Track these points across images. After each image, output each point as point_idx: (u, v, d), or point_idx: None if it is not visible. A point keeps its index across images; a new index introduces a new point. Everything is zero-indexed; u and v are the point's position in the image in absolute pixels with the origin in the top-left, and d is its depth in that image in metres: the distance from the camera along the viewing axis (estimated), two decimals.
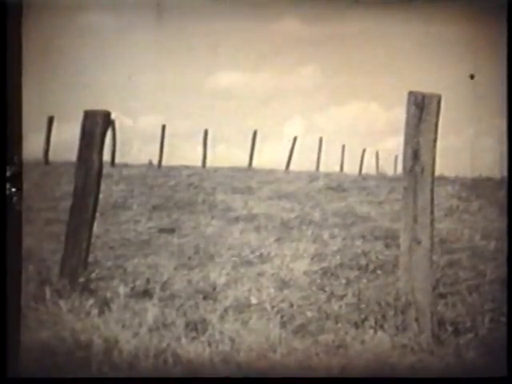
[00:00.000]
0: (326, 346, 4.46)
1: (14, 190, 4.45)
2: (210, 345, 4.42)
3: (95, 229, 5.40)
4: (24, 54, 4.51)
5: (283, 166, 13.22)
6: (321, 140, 13.22)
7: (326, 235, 7.10)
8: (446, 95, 4.58)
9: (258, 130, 12.65)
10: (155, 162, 12.60)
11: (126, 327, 4.56)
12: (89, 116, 5.23)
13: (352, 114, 8.74)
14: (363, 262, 6.18)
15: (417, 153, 4.56)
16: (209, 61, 7.82)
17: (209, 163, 12.89)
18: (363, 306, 5.04)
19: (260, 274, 5.82)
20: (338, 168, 12.90)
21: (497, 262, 6.00)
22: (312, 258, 6.23)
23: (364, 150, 12.89)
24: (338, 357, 4.35)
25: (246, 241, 6.84)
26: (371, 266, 6.06)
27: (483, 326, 4.69)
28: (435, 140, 4.57)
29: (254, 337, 4.49)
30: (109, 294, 5.07)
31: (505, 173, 4.92)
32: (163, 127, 12.52)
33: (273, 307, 5.04)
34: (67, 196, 5.61)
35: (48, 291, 4.94)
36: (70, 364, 4.22)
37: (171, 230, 7.29)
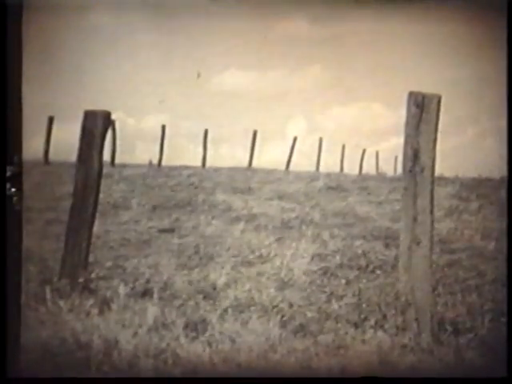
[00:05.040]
0: (325, 346, 4.46)
1: (13, 190, 4.45)
2: (209, 345, 4.42)
3: (95, 229, 5.40)
4: (24, 54, 4.51)
5: (283, 166, 13.23)
6: (321, 140, 13.24)
7: (325, 235, 7.10)
8: (446, 95, 4.58)
9: (259, 130, 12.66)
10: (155, 161, 12.63)
11: (125, 327, 4.56)
12: (89, 116, 5.24)
13: (353, 115, 8.74)
14: (363, 262, 6.18)
15: (417, 153, 4.56)
16: (212, 61, 7.82)
17: (209, 163, 12.91)
18: (363, 306, 5.04)
19: (260, 274, 5.83)
20: (338, 168, 12.92)
21: (496, 261, 6.01)
22: (312, 258, 6.23)
23: (364, 151, 12.90)
24: (338, 357, 4.35)
25: (246, 241, 6.84)
26: (371, 266, 6.06)
27: (483, 326, 4.69)
28: (435, 140, 4.57)
29: (254, 337, 4.49)
30: (109, 294, 5.07)
31: (505, 173, 4.92)
32: (163, 127, 12.55)
33: (273, 307, 5.04)
34: (67, 196, 5.61)
35: (48, 291, 4.94)
36: (69, 364, 4.23)
37: (171, 230, 7.29)
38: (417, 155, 4.56)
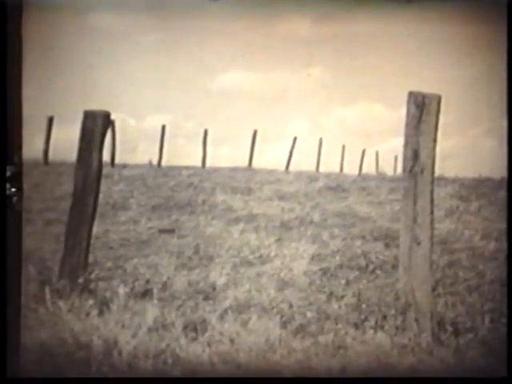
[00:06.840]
0: (325, 346, 4.45)
1: (13, 190, 4.45)
2: (209, 345, 4.41)
3: (95, 229, 5.40)
4: (24, 54, 4.51)
5: (283, 167, 13.23)
6: (321, 140, 13.25)
7: (325, 236, 7.10)
8: (446, 95, 4.58)
9: (259, 131, 12.66)
10: (155, 162, 12.63)
11: (125, 327, 4.55)
12: (89, 116, 5.23)
13: (354, 115, 8.75)
14: (363, 262, 6.18)
15: (417, 153, 4.56)
16: (213, 61, 7.83)
17: (209, 163, 12.92)
18: (363, 306, 5.04)
19: (260, 275, 5.82)
20: (338, 168, 12.92)
21: (496, 262, 6.01)
22: (312, 259, 6.23)
23: (364, 151, 12.91)
24: (338, 357, 4.35)
25: (246, 241, 6.84)
26: (371, 267, 6.06)
27: (483, 326, 4.69)
28: (435, 140, 4.57)
29: (254, 337, 4.49)
30: (108, 295, 5.07)
31: (505, 173, 4.91)
32: (163, 127, 12.56)
33: (272, 308, 5.04)
34: (67, 196, 5.60)
35: (48, 291, 4.94)
36: (69, 364, 4.22)
37: (171, 231, 7.29)
38: (417, 155, 4.56)
